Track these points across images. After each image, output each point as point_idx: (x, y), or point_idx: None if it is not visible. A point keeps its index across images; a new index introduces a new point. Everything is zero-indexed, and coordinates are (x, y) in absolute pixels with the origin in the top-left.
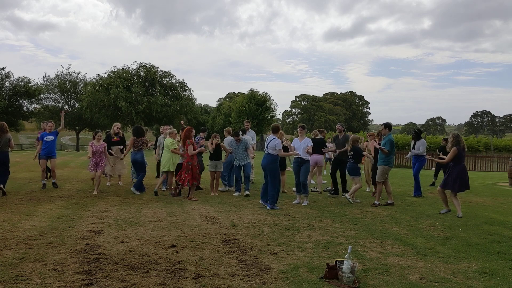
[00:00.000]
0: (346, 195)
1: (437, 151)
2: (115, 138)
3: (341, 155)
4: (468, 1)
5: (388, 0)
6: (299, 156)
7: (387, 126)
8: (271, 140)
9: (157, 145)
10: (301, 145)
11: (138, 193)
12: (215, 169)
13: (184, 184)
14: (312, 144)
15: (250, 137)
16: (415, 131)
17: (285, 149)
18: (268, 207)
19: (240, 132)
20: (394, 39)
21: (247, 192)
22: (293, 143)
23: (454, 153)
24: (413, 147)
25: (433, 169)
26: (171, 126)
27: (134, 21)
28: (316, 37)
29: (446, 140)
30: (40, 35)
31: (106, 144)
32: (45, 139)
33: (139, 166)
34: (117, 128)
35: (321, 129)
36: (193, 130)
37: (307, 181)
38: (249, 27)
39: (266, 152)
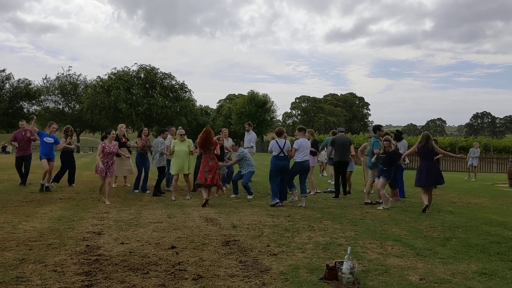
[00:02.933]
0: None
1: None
2: (124, 139)
3: (342, 157)
4: (469, 2)
5: (390, 1)
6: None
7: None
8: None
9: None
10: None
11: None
12: (220, 171)
13: (214, 184)
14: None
15: (248, 139)
16: (395, 133)
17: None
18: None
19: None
20: (396, 40)
21: (249, 197)
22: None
23: (411, 150)
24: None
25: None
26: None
27: (135, 23)
28: (317, 38)
29: (435, 141)
30: (42, 36)
31: (118, 143)
32: (44, 139)
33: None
34: (124, 128)
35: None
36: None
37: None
38: (250, 29)
39: (285, 154)
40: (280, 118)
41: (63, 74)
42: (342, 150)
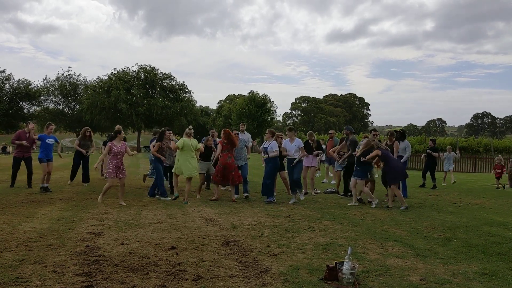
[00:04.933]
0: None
1: (426, 152)
2: None
3: (350, 158)
4: (470, 2)
5: (391, 1)
6: (291, 157)
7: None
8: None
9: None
10: (292, 146)
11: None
12: (209, 171)
13: (236, 182)
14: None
15: (245, 139)
16: (400, 132)
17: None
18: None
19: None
20: (397, 40)
21: (246, 194)
22: (284, 144)
23: (376, 153)
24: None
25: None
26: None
27: (136, 23)
28: (318, 39)
29: (433, 141)
30: (43, 37)
31: (126, 144)
32: (46, 141)
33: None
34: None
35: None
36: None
37: (300, 177)
38: (251, 29)
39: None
40: (280, 118)
41: (63, 74)
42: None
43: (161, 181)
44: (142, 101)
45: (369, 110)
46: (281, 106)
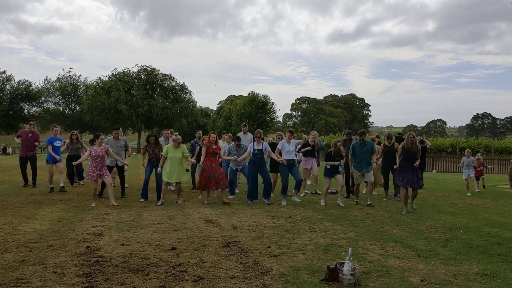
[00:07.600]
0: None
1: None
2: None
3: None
4: (472, 3)
5: (392, 2)
6: (290, 158)
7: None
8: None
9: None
10: (290, 147)
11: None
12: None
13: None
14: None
15: (248, 140)
16: (398, 135)
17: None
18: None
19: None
20: (398, 41)
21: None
22: (280, 145)
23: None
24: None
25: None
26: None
27: (138, 24)
28: (319, 40)
29: (422, 141)
30: (44, 38)
31: (108, 147)
32: (54, 144)
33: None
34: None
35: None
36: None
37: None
38: (252, 30)
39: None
40: (280, 119)
41: (63, 75)
42: None
43: (145, 181)
44: (142, 102)
45: (369, 110)
46: (281, 107)
